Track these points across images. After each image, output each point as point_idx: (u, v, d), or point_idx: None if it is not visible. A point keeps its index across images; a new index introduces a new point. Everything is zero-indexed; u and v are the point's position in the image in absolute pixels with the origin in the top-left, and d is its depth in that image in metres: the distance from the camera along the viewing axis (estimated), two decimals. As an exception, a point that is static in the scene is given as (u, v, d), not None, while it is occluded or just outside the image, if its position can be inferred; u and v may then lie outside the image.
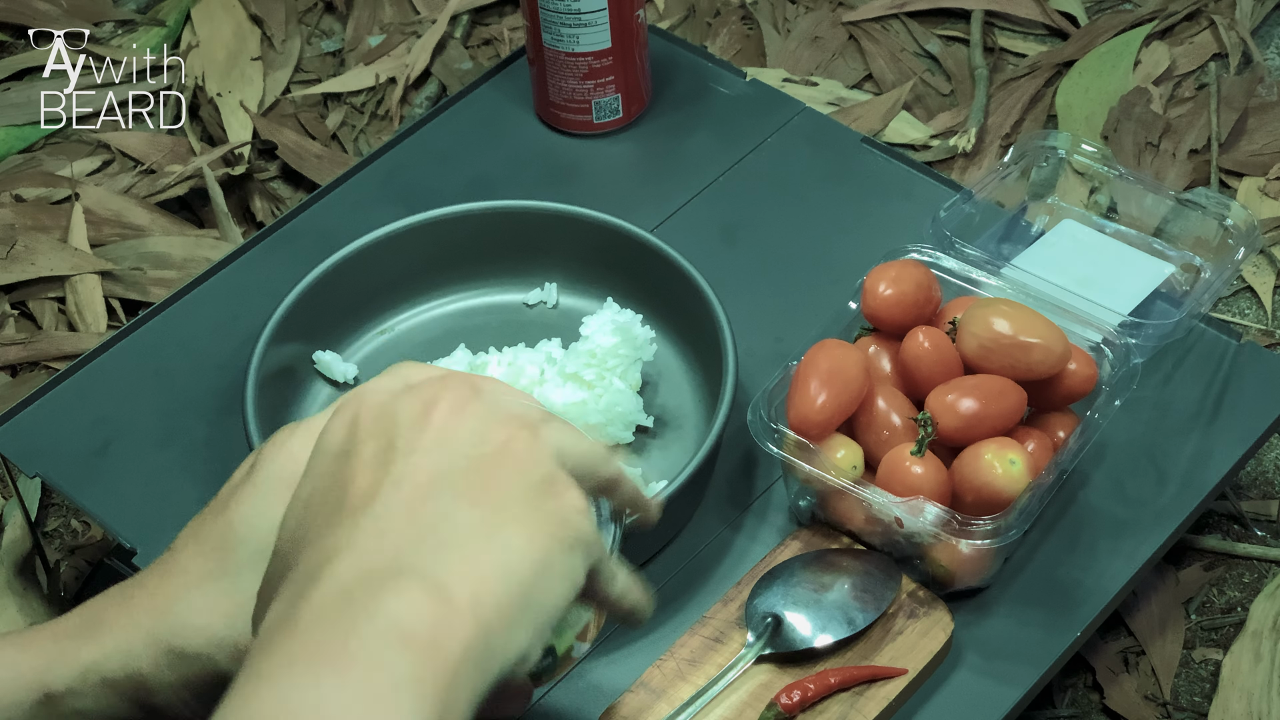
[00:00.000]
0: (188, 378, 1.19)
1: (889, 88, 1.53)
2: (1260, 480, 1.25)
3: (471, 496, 0.69)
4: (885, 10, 1.60)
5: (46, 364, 1.36)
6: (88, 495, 1.13)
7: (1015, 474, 0.99)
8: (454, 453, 0.70)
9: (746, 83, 1.37)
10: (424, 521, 0.68)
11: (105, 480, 1.14)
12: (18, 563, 1.23)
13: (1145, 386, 1.12)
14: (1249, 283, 1.37)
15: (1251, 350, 1.17)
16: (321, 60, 1.61)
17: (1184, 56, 1.54)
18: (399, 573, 0.65)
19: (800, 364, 1.04)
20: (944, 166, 1.46)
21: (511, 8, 1.64)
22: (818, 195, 1.29)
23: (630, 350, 1.13)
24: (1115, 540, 1.08)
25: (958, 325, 1.06)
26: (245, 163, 1.49)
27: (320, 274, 1.17)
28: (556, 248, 1.21)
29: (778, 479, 1.11)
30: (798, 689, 0.99)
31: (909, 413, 1.04)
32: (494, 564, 0.67)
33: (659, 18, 1.61)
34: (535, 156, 1.33)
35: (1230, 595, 1.20)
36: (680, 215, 1.28)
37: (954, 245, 1.14)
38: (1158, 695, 1.14)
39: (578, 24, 1.27)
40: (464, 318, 1.22)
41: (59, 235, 1.44)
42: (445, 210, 1.21)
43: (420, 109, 1.55)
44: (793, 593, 1.03)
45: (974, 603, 1.05)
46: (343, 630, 0.64)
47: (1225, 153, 1.46)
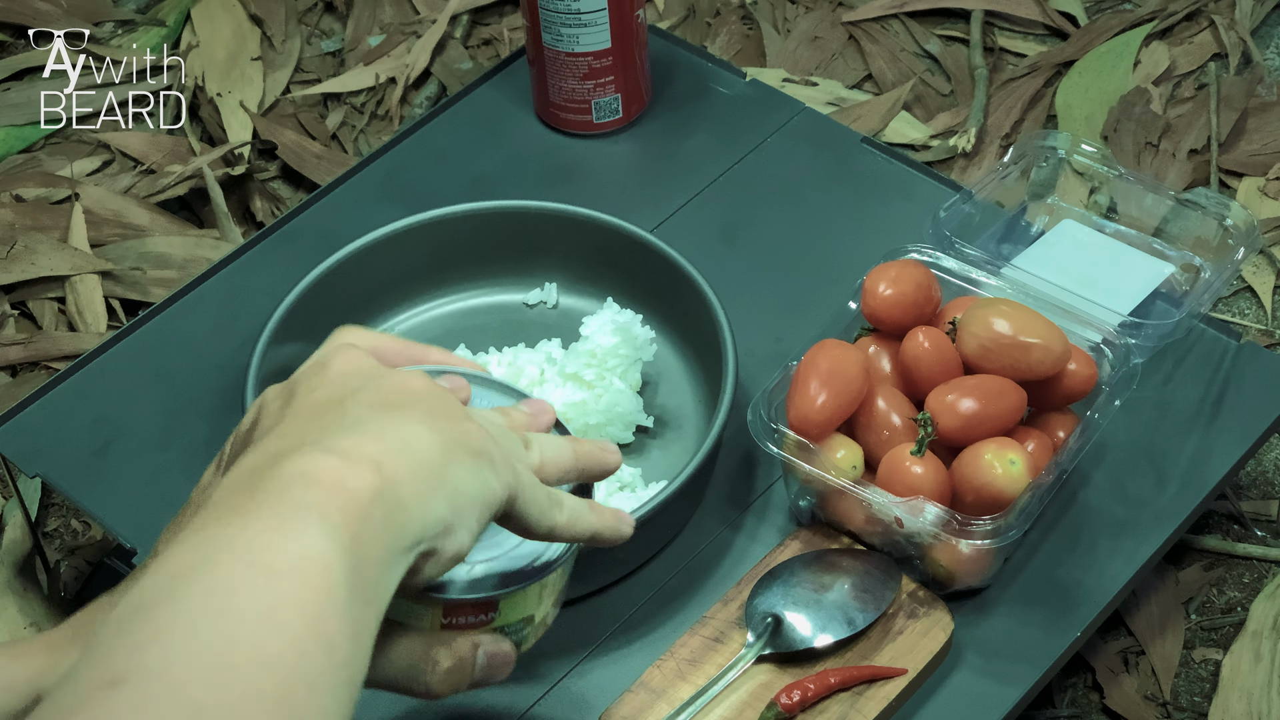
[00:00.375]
0: (188, 378, 1.19)
1: (889, 88, 1.53)
2: (1260, 480, 1.25)
3: (372, 404, 0.70)
4: (885, 10, 1.60)
5: (46, 364, 1.36)
6: (88, 495, 1.13)
7: (1015, 474, 0.99)
8: (352, 383, 0.72)
9: (746, 83, 1.37)
10: (327, 419, 0.70)
11: (105, 480, 1.14)
12: (18, 563, 1.23)
13: (1145, 387, 1.12)
14: (1249, 283, 1.37)
15: (1251, 350, 1.17)
16: (321, 60, 1.61)
17: (1184, 56, 1.54)
18: (301, 446, 0.66)
19: (800, 364, 1.04)
20: (944, 166, 1.46)
21: (511, 8, 1.64)
22: (818, 195, 1.29)
23: (630, 350, 1.13)
24: (1115, 540, 1.08)
25: (958, 325, 1.05)
26: (245, 163, 1.49)
27: (320, 274, 1.17)
28: (556, 248, 1.21)
29: (778, 479, 1.11)
30: (798, 689, 0.99)
31: (909, 413, 1.04)
32: (398, 439, 0.68)
33: (659, 18, 1.61)
34: (535, 156, 1.33)
35: (1230, 595, 1.20)
36: (680, 215, 1.28)
37: (954, 245, 1.14)
38: (1158, 695, 1.14)
39: (578, 24, 1.27)
40: (464, 318, 1.22)
41: (59, 235, 1.44)
42: (445, 210, 1.21)
43: (420, 109, 1.55)
44: (793, 593, 1.03)
45: (974, 603, 1.05)
46: (248, 489, 0.64)
47: (1225, 153, 1.46)
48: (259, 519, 0.63)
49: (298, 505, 0.63)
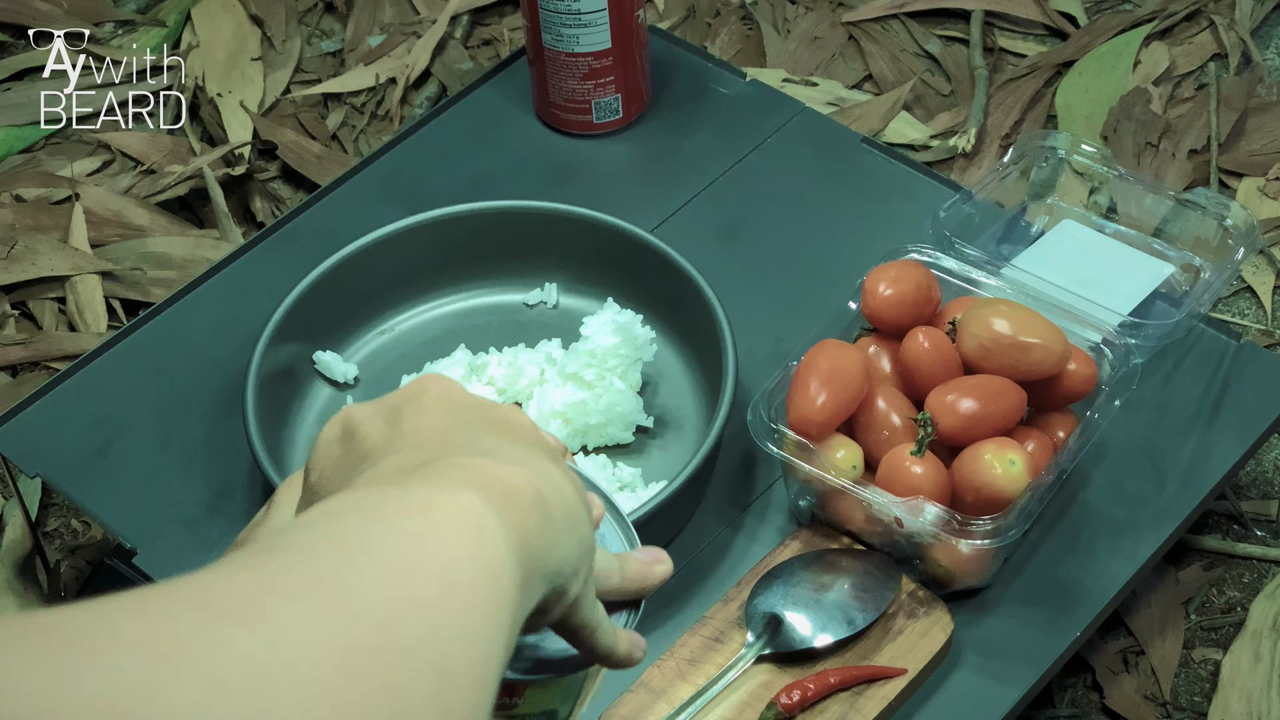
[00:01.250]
0: (188, 378, 1.19)
1: (889, 88, 1.53)
2: (1260, 480, 1.25)
3: (499, 433, 0.65)
4: (885, 10, 1.60)
5: (47, 364, 1.36)
6: (88, 495, 1.13)
7: (1015, 474, 0.99)
8: (466, 412, 0.66)
9: (746, 83, 1.37)
10: (457, 440, 0.63)
11: (105, 480, 1.14)
12: (18, 563, 1.23)
13: (1145, 387, 1.12)
14: (1248, 283, 1.37)
15: (1251, 350, 1.17)
16: (321, 60, 1.61)
17: (1183, 57, 1.54)
18: (447, 456, 0.60)
19: (800, 364, 1.04)
20: (944, 166, 1.46)
21: (511, 8, 1.64)
22: (818, 195, 1.29)
23: (630, 350, 1.13)
24: (1115, 540, 1.08)
25: (957, 325, 1.05)
26: (245, 163, 1.49)
27: (320, 274, 1.17)
28: (556, 248, 1.21)
29: (778, 479, 1.11)
30: (797, 689, 0.99)
31: (909, 413, 1.04)
32: (540, 468, 0.62)
33: (659, 18, 1.61)
34: (535, 156, 1.33)
35: (1230, 595, 1.20)
36: (680, 215, 1.28)
37: (954, 245, 1.14)
38: (1157, 695, 1.14)
39: (578, 24, 1.27)
40: (464, 318, 1.22)
41: (59, 235, 1.44)
42: (445, 210, 1.21)
43: (420, 109, 1.55)
44: (793, 593, 1.03)
45: (974, 603, 1.05)
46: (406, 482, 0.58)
47: (1225, 153, 1.46)
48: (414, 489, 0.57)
49: (460, 482, 0.57)
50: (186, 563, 1.05)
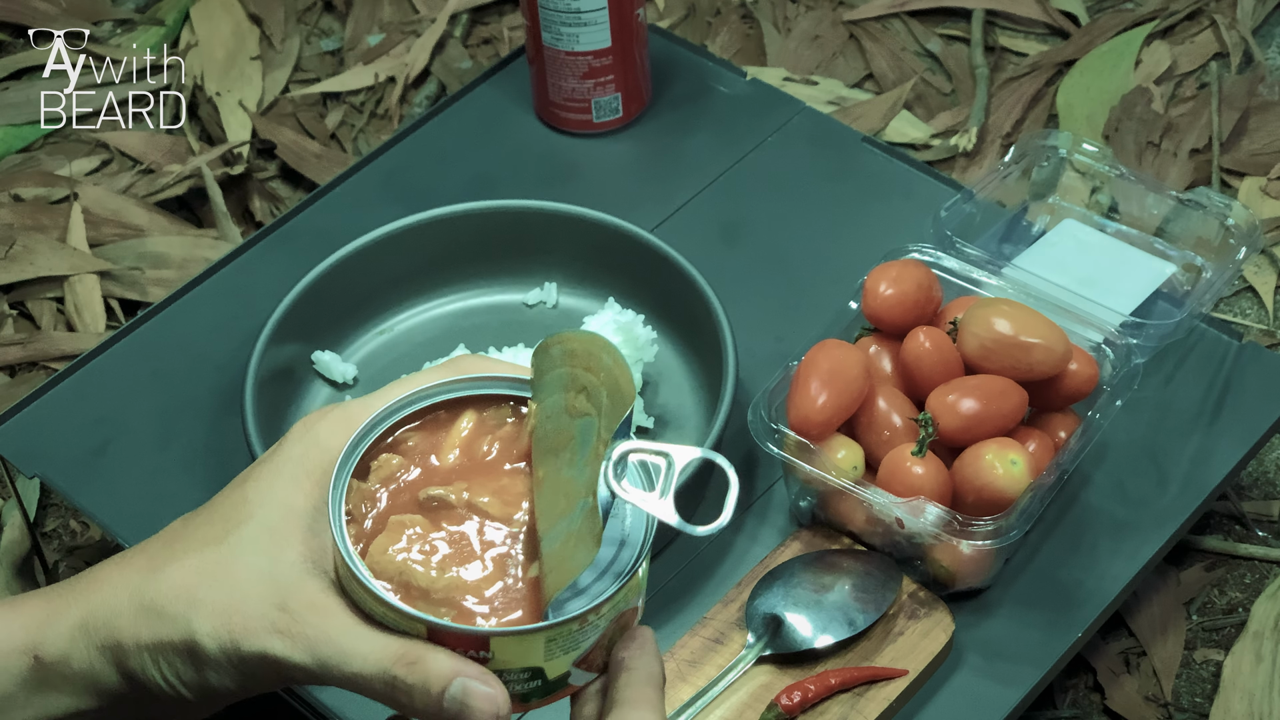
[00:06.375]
0: (187, 378, 1.19)
1: (889, 87, 1.53)
2: (1261, 481, 1.25)
3: None
4: (886, 9, 1.60)
5: (45, 364, 1.36)
6: (87, 495, 1.13)
7: (1016, 474, 0.99)
8: None
9: (747, 82, 1.37)
10: None
11: (104, 480, 1.14)
12: (17, 563, 1.23)
13: (1146, 387, 1.12)
14: (1250, 283, 1.37)
15: (1253, 350, 1.17)
16: (321, 59, 1.61)
17: (1185, 56, 1.54)
18: None
19: (800, 364, 1.04)
20: (945, 166, 1.45)
21: (511, 7, 1.63)
22: (818, 195, 1.29)
23: (631, 351, 1.13)
24: (1116, 541, 1.08)
25: (958, 325, 1.05)
26: (244, 162, 1.49)
27: (320, 274, 1.17)
28: (556, 248, 1.21)
29: (778, 479, 1.11)
30: (798, 690, 0.98)
31: (910, 413, 1.04)
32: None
33: (659, 17, 1.61)
34: (535, 156, 1.33)
35: (1231, 596, 1.19)
36: (680, 215, 1.28)
37: (955, 245, 1.13)
38: (1159, 696, 1.14)
39: (577, 23, 1.27)
40: (464, 318, 1.22)
41: (58, 235, 1.44)
42: (445, 210, 1.20)
43: (420, 108, 1.55)
44: (793, 593, 1.03)
45: (975, 603, 1.05)
46: None
47: (1226, 152, 1.46)
48: None
49: None
50: (185, 563, 1.05)
